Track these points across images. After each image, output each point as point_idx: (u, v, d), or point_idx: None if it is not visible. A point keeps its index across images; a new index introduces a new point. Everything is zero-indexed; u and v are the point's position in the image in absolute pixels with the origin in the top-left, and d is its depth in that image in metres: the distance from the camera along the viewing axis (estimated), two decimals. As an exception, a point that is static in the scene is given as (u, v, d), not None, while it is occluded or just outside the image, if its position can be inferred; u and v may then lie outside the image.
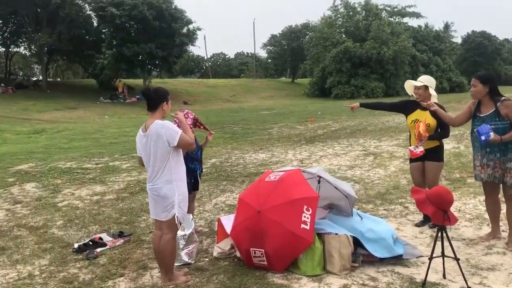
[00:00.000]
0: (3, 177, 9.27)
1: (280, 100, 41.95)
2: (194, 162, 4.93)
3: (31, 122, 23.63)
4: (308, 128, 16.43)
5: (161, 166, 3.70)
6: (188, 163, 4.84)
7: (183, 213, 3.76)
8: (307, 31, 57.19)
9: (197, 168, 5.00)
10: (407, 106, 5.22)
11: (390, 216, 5.55)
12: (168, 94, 3.90)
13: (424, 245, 4.54)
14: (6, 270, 4.32)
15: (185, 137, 3.68)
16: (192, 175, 4.94)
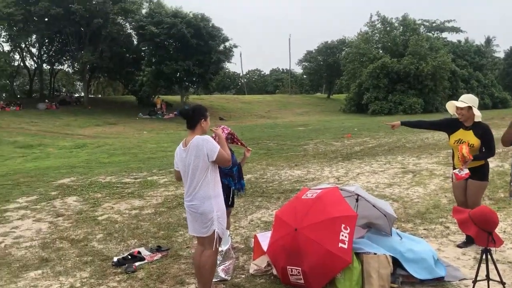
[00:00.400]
0: (46, 191, 9.61)
1: (315, 116, 41.80)
2: (228, 178, 4.96)
3: (73, 137, 24.47)
4: (344, 144, 16.26)
5: (199, 181, 3.74)
6: (222, 178, 4.88)
7: (222, 229, 3.78)
8: (343, 47, 57.06)
9: (232, 185, 5.03)
10: (450, 125, 5.07)
11: (430, 236, 5.39)
12: (206, 111, 3.96)
13: (468, 268, 4.38)
14: (49, 281, 4.45)
15: (223, 153, 3.73)
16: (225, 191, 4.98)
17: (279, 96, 58.66)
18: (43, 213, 7.65)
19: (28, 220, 7.15)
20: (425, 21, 53.19)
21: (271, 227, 4.47)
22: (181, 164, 3.86)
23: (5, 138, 22.58)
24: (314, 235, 3.58)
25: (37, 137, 23.55)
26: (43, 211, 7.76)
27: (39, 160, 16.33)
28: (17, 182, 10.76)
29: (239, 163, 5.21)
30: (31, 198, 8.87)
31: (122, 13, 36.35)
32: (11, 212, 7.79)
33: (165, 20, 34.16)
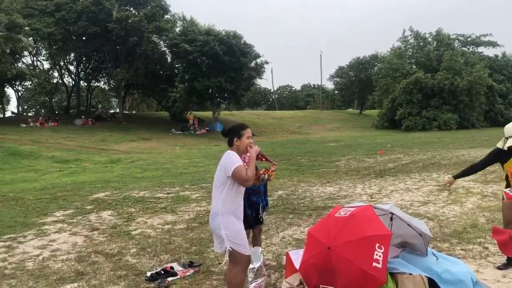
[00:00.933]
0: (82, 205, 9.85)
1: (347, 132, 41.45)
2: (256, 195, 4.97)
3: (108, 152, 25.05)
4: (377, 161, 16.02)
5: (215, 196, 3.86)
6: (250, 196, 4.89)
7: (239, 248, 3.75)
8: (375, 62, 56.68)
9: (260, 201, 5.03)
10: (501, 155, 4.95)
11: (468, 257, 5.22)
12: (242, 130, 4.03)
13: (508, 290, 4.21)
14: (84, 294, 4.55)
15: (240, 170, 3.72)
16: (254, 208, 4.98)
17: (310, 112, 58.54)
18: (79, 226, 7.84)
19: (64, 234, 7.34)
20: (460, 35, 52.36)
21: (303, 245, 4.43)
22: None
23: (44, 153, 23.32)
24: (348, 253, 3.53)
25: (74, 152, 24.22)
26: (79, 225, 7.95)
27: (75, 175, 16.79)
28: (55, 196, 11.08)
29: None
30: (67, 212, 9.11)
31: (157, 32, 37.31)
32: (48, 225, 8.01)
33: (198, 38, 34.83)
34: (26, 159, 21.84)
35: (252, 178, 3.80)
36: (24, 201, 10.55)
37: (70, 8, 34.88)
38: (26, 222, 8.31)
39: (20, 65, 38.13)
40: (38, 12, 35.66)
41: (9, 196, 11.42)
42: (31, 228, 7.85)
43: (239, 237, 3.77)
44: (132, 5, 38.00)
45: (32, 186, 13.57)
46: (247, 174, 3.74)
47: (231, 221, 3.77)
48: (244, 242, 3.82)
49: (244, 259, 3.80)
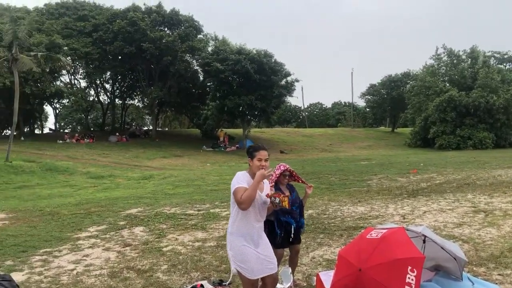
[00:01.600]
0: (115, 220, 10.05)
1: (379, 150, 40.87)
2: (286, 216, 4.97)
3: (141, 169, 25.51)
4: (410, 180, 15.71)
5: (230, 215, 3.99)
6: (280, 215, 4.89)
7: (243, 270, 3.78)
8: (407, 80, 55.91)
9: (292, 222, 5.02)
10: None
11: (505, 283, 5.03)
12: (254, 151, 4.00)
13: (549, 319, 4.04)
14: (116, 310, 4.62)
15: (237, 192, 3.76)
16: (284, 228, 4.97)
17: (341, 130, 58.10)
18: (111, 242, 7.99)
19: (98, 249, 7.50)
20: (496, 52, 51.13)
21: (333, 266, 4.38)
22: None
23: (79, 168, 23.98)
24: (379, 276, 3.48)
25: (108, 168, 24.79)
26: (112, 241, 8.11)
27: (109, 190, 17.15)
28: (89, 212, 11.35)
29: (300, 200, 5.21)
30: (101, 227, 9.31)
31: (190, 51, 38.10)
32: (82, 240, 8.21)
33: (230, 57, 35.34)
34: (62, 174, 22.51)
35: (246, 201, 3.72)
36: (59, 216, 10.84)
37: (107, 29, 36.13)
38: (61, 237, 8.54)
39: (59, 83, 39.52)
40: (77, 33, 37.12)
41: (45, 210, 11.76)
42: (66, 242, 8.06)
43: (243, 260, 3.79)
44: (166, 26, 39.00)
45: (68, 201, 13.94)
46: (241, 196, 3.71)
47: (237, 242, 3.83)
48: (249, 266, 3.79)
49: (248, 282, 3.81)
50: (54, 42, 32.89)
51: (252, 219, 3.86)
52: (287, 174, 5.08)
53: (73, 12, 39.51)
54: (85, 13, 39.12)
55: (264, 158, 3.92)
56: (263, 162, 3.90)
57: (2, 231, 9.28)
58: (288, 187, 5.17)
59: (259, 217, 3.91)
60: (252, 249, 3.83)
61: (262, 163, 3.90)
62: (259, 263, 3.82)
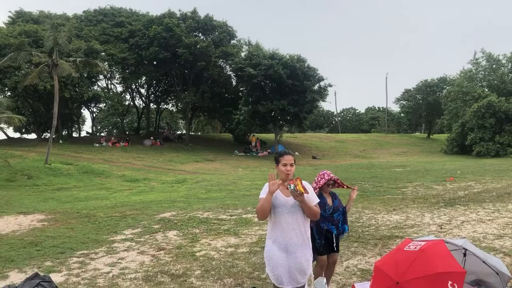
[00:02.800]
0: (149, 224, 10.20)
1: (414, 157, 40.03)
2: (326, 222, 4.92)
3: (175, 172, 25.86)
4: (446, 188, 15.29)
5: None
6: (321, 222, 4.85)
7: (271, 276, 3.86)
8: (444, 85, 54.60)
9: (333, 229, 4.97)
10: None
11: None
12: (279, 156, 3.95)
13: None
14: (151, 315, 4.67)
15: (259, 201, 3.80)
16: (323, 235, 4.93)
17: (374, 135, 57.25)
18: (146, 245, 8.11)
19: (133, 252, 7.62)
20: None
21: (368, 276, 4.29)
22: None
23: (115, 172, 24.51)
24: (418, 291, 3.39)
25: (143, 172, 25.25)
26: (146, 244, 8.24)
27: (144, 194, 17.45)
28: (124, 215, 11.57)
29: (343, 207, 5.17)
30: (135, 231, 9.47)
31: (223, 56, 38.43)
32: (118, 243, 8.36)
33: (263, 62, 35.43)
34: (99, 177, 23.08)
35: (258, 212, 3.77)
36: (96, 218, 11.10)
37: (143, 35, 36.90)
38: (97, 239, 8.73)
39: (96, 88, 40.62)
40: (114, 39, 38.09)
41: (82, 213, 12.07)
42: (102, 245, 8.23)
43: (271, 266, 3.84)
44: (200, 31, 39.49)
45: (103, 203, 14.27)
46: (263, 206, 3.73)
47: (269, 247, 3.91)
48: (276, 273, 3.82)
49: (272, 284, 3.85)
50: (92, 48, 33.85)
51: (283, 225, 3.80)
52: (331, 183, 5.07)
53: (110, 18, 40.59)
54: (122, 20, 40.12)
55: (289, 163, 3.86)
56: (288, 167, 3.85)
57: (42, 232, 9.57)
58: (331, 194, 5.15)
59: (291, 223, 3.80)
60: (282, 257, 3.79)
61: (287, 168, 3.85)
62: (287, 272, 3.77)
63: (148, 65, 39.17)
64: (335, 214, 5.01)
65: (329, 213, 4.97)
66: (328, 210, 4.97)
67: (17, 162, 23.97)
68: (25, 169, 22.74)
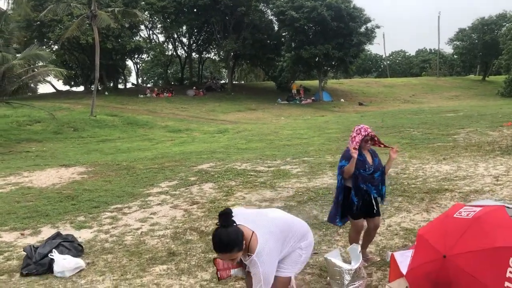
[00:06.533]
0: (186, 176, 10.00)
1: (467, 101, 37.86)
2: (365, 183, 4.39)
3: (217, 122, 25.74)
4: (503, 134, 14.10)
5: None
6: (359, 183, 4.34)
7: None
8: (503, 22, 50.57)
9: (372, 191, 4.44)
10: None
11: None
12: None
13: None
14: (171, 279, 4.40)
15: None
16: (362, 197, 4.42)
17: (425, 79, 54.54)
18: (180, 199, 7.91)
19: (166, 206, 7.43)
20: None
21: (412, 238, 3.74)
22: None
23: (158, 122, 24.68)
24: (470, 267, 2.81)
25: (185, 122, 25.29)
26: (181, 197, 8.03)
27: (185, 145, 17.38)
28: (163, 166, 11.44)
29: (383, 167, 4.59)
30: (172, 183, 9.29)
31: (264, 0, 37.02)
32: (153, 196, 8.21)
33: (305, 3, 33.78)
34: (142, 128, 23.31)
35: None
36: (134, 171, 11.03)
37: (181, -19, 35.98)
38: (133, 192, 8.62)
39: (138, 38, 40.52)
40: (152, -13, 37.38)
41: (122, 165, 12.05)
42: (137, 198, 8.11)
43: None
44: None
45: (144, 155, 14.25)
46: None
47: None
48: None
49: None
50: (130, -3, 33.44)
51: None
52: (369, 139, 4.47)
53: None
54: (160, -33, 39.17)
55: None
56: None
57: (80, 185, 9.59)
58: (371, 152, 4.57)
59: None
60: None
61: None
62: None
63: (188, 13, 38.44)
64: (376, 173, 4.44)
65: (370, 173, 4.41)
66: (369, 169, 4.41)
67: (64, 115, 24.51)
68: (71, 121, 23.24)
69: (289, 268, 3.11)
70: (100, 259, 5.03)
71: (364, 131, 4.38)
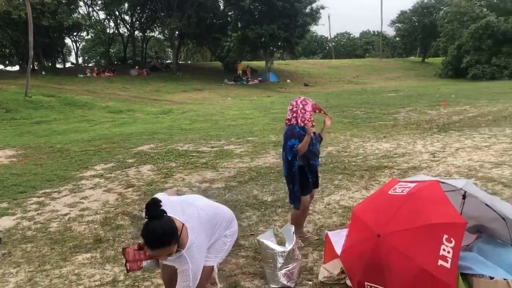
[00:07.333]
0: (124, 158, 9.53)
1: (408, 81, 39.07)
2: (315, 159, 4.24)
3: (161, 103, 24.96)
4: (440, 113, 14.60)
5: None
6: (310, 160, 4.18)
7: None
8: (441, 6, 52.32)
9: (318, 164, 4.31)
10: None
11: None
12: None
13: None
14: (94, 269, 4.05)
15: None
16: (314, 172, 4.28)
17: (368, 60, 55.75)
18: (115, 182, 7.49)
19: (99, 190, 7.00)
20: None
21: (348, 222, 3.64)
22: None
23: (98, 103, 23.58)
24: (404, 246, 2.69)
25: (127, 103, 24.33)
26: (116, 180, 7.61)
27: (126, 126, 16.68)
28: (99, 148, 10.87)
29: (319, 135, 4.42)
30: (108, 166, 8.81)
31: (209, -23, 36.14)
32: (86, 180, 7.73)
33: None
34: (81, 109, 22.18)
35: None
36: (69, 153, 10.40)
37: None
38: (65, 176, 8.09)
39: (76, 15, 38.40)
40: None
41: (56, 147, 11.34)
42: (68, 182, 7.60)
43: None
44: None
45: (81, 137, 13.51)
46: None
47: None
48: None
49: None
50: (67, -29, 31.51)
51: None
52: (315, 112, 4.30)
53: None
54: None
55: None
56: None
57: (7, 169, 8.89)
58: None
59: None
60: None
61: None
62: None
63: (129, -11, 36.79)
64: (318, 145, 4.30)
65: (317, 148, 4.25)
66: (316, 145, 4.25)
67: (-6, 96, 22.86)
68: (3, 102, 21.70)
69: (213, 258, 2.87)
70: (18, 249, 4.58)
71: (311, 103, 4.19)
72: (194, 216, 2.70)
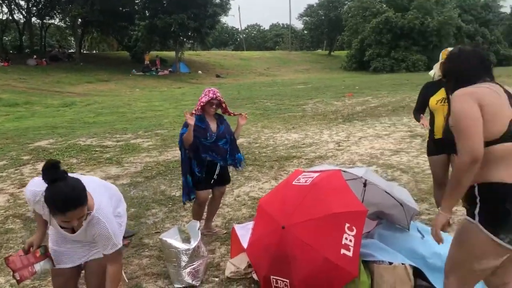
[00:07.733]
0: (18, 155, 8.73)
1: (316, 74, 40.52)
2: (208, 152, 4.07)
3: (63, 95, 23.41)
4: (345, 104, 15.26)
5: None
6: (201, 152, 4.00)
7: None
8: (345, 1, 54.84)
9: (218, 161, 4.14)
10: (429, 88, 4.21)
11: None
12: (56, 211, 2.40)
13: None
14: (-25, 281, 3.62)
15: None
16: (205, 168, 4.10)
17: (278, 53, 56.93)
18: (7, 182, 6.82)
19: (-13, 191, 6.31)
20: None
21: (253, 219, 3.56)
22: None
23: (-11, 96, 21.51)
24: (307, 236, 2.67)
25: (24, 95, 22.45)
26: (8, 180, 6.93)
27: (22, 120, 15.37)
28: (-11, 145, 9.87)
29: (232, 134, 4.28)
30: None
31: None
32: (-28, 181, 6.94)
33: (158, -30, 32.32)
34: (-32, 103, 20.08)
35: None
36: (-49, 152, 9.31)
37: None
38: None
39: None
40: None
41: None
42: (-50, 185, 6.76)
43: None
44: None
45: (-32, 133, 12.20)
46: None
47: None
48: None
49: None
50: None
51: None
52: (215, 103, 4.09)
53: None
54: None
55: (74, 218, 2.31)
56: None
57: None
58: (217, 117, 4.22)
59: None
60: None
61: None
62: None
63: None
64: (220, 141, 4.12)
65: (212, 141, 4.08)
66: (211, 138, 4.07)
67: None
68: None
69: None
70: None
71: (213, 94, 4.03)
72: (90, 180, 2.59)
